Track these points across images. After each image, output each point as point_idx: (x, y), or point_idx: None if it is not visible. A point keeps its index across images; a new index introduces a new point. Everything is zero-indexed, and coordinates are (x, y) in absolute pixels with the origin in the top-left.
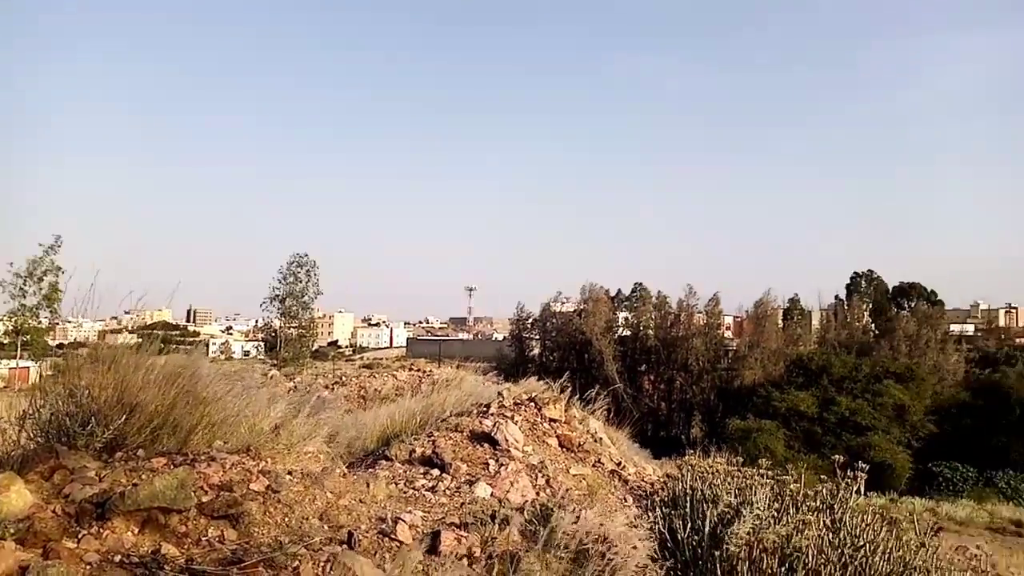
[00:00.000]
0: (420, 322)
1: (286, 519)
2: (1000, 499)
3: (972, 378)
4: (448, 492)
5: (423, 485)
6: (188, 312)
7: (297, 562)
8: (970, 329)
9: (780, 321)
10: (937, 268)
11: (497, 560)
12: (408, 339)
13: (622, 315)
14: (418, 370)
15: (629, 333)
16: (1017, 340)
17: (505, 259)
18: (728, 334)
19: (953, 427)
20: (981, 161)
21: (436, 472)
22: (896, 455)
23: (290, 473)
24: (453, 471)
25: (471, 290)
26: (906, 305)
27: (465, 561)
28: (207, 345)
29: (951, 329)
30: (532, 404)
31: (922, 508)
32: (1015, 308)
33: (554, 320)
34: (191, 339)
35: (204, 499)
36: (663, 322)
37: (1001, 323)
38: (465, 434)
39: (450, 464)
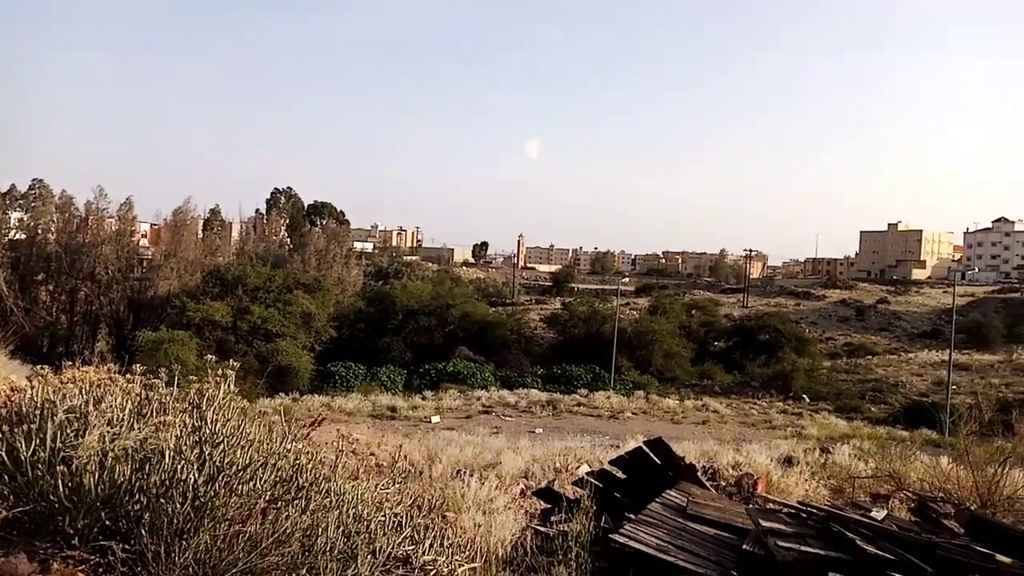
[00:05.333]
0: None
1: None
2: (382, 390)
3: (368, 289)
4: None
5: None
6: None
7: None
8: (369, 247)
9: (200, 231)
10: (346, 190)
11: None
12: None
13: (15, 215)
14: None
15: (24, 237)
16: (405, 257)
17: None
18: (144, 242)
19: (351, 332)
20: (387, 97)
21: None
22: (301, 358)
23: None
24: None
25: None
26: (319, 222)
27: None
28: None
29: (354, 246)
30: None
31: (319, 404)
32: (405, 230)
33: None
34: None
35: None
36: (67, 226)
37: (394, 243)
38: None
39: None
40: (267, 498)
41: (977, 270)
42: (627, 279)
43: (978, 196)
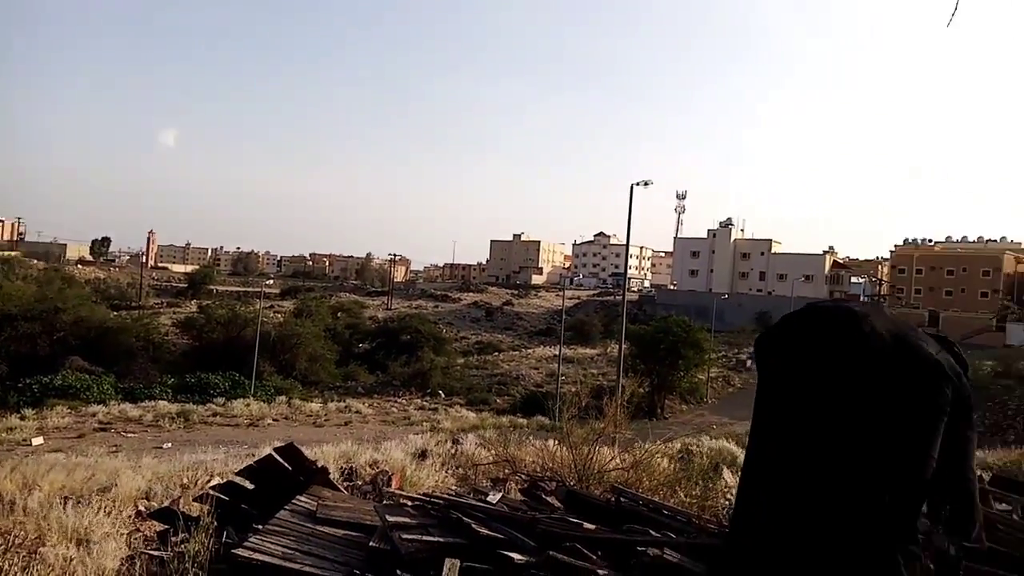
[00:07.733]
0: None
1: None
2: None
3: None
4: None
5: None
6: None
7: None
8: None
9: None
10: None
11: None
12: None
13: None
14: None
15: None
16: (2, 253)
17: None
18: None
19: None
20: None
21: None
22: None
23: None
24: None
25: None
26: None
27: None
28: None
29: None
30: None
31: None
32: (3, 221)
33: None
34: None
35: None
36: None
37: None
38: None
39: None
40: None
41: (582, 277)
42: (271, 281)
43: (584, 212)
